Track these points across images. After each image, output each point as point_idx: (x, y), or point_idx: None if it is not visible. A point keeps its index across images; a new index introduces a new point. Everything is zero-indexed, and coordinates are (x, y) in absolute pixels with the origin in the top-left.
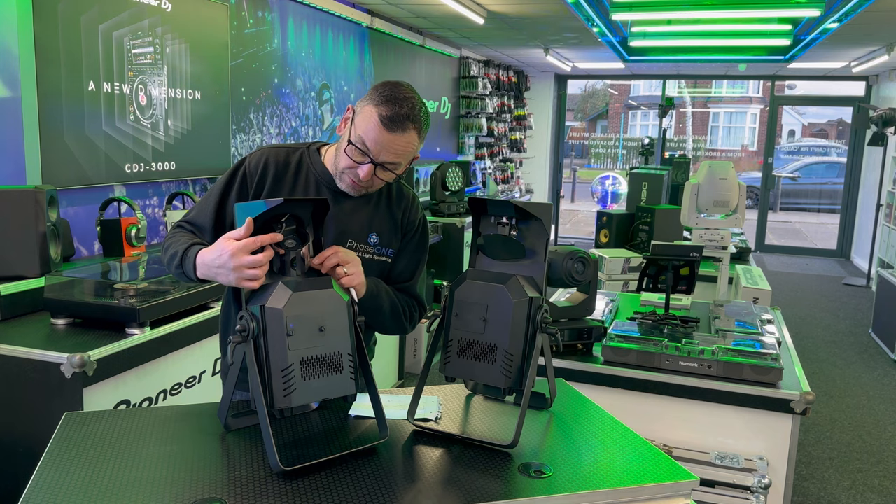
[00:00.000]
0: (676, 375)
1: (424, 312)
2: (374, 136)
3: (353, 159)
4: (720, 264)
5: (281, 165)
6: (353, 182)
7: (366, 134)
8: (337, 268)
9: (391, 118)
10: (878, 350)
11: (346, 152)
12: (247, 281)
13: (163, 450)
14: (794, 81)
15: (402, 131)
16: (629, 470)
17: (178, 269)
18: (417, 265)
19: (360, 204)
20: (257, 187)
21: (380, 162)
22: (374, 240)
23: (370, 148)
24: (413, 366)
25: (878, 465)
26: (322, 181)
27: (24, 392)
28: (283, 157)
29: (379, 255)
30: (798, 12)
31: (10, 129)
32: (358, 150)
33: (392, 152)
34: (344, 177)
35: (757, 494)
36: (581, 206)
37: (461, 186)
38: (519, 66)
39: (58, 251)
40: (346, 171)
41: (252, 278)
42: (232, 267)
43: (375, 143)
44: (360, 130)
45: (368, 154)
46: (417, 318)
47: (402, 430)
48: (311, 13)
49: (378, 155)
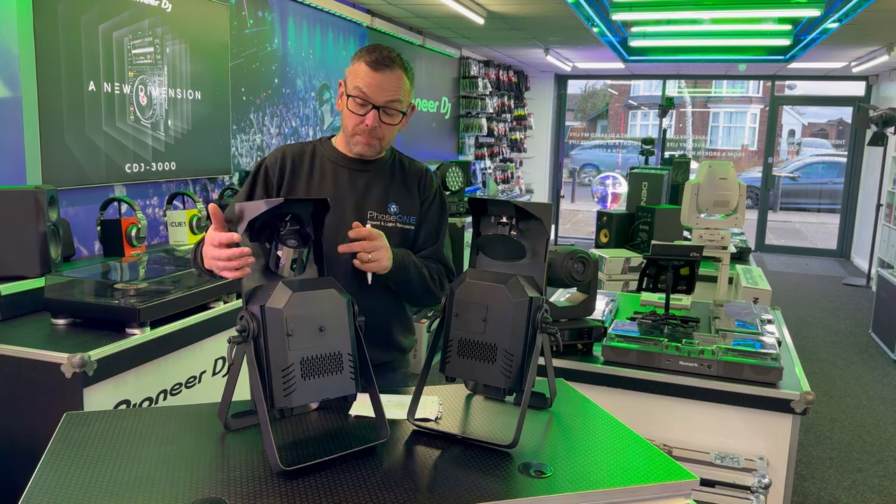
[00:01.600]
0: (676, 375)
1: (454, 277)
2: (367, 81)
3: (357, 112)
4: (720, 264)
5: (297, 156)
6: (366, 137)
7: (360, 82)
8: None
9: (376, 60)
10: (878, 350)
11: (349, 109)
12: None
13: (163, 450)
14: (794, 81)
15: (390, 70)
16: (629, 470)
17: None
18: (439, 230)
19: (374, 177)
20: (279, 179)
21: (381, 104)
22: (395, 209)
23: (367, 93)
24: (413, 366)
25: (878, 465)
26: (336, 162)
27: (24, 392)
28: (298, 149)
29: (402, 224)
30: (798, 12)
31: (10, 129)
32: (358, 102)
33: (387, 90)
34: (356, 138)
35: (757, 494)
36: (581, 206)
37: (461, 186)
38: (519, 66)
39: (58, 251)
40: (355, 128)
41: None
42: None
43: (370, 86)
44: (355, 82)
45: (368, 99)
46: (448, 282)
47: (402, 430)
48: (311, 13)
49: (376, 97)
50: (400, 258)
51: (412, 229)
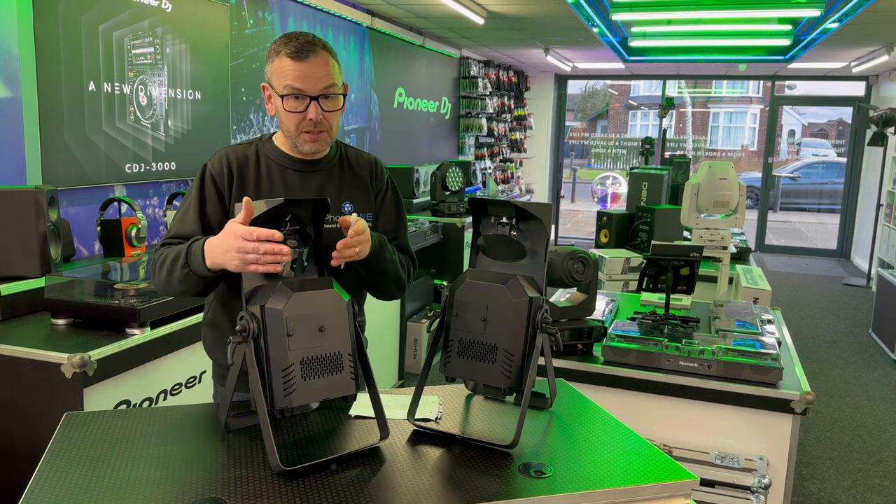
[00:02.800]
0: (676, 375)
1: (416, 268)
2: (296, 74)
3: (296, 110)
4: (720, 264)
5: (241, 161)
6: (310, 134)
7: (288, 78)
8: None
9: (297, 49)
10: (878, 350)
11: (285, 109)
12: (253, 265)
13: (163, 450)
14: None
15: (314, 54)
16: (629, 470)
17: (185, 268)
18: (399, 220)
19: (325, 178)
20: (227, 184)
21: (317, 94)
22: (349, 208)
23: (300, 87)
24: (413, 366)
25: (878, 465)
26: (283, 165)
27: (25, 392)
28: (240, 153)
29: None
30: (798, 12)
31: (10, 129)
32: (293, 98)
33: (318, 78)
34: (301, 136)
35: (757, 494)
36: (581, 206)
37: (461, 186)
38: (519, 66)
39: (58, 251)
40: (298, 126)
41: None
42: (236, 247)
43: (299, 79)
44: (282, 80)
45: (303, 93)
46: (413, 273)
47: (402, 430)
48: (312, 13)
49: (310, 88)
50: (378, 243)
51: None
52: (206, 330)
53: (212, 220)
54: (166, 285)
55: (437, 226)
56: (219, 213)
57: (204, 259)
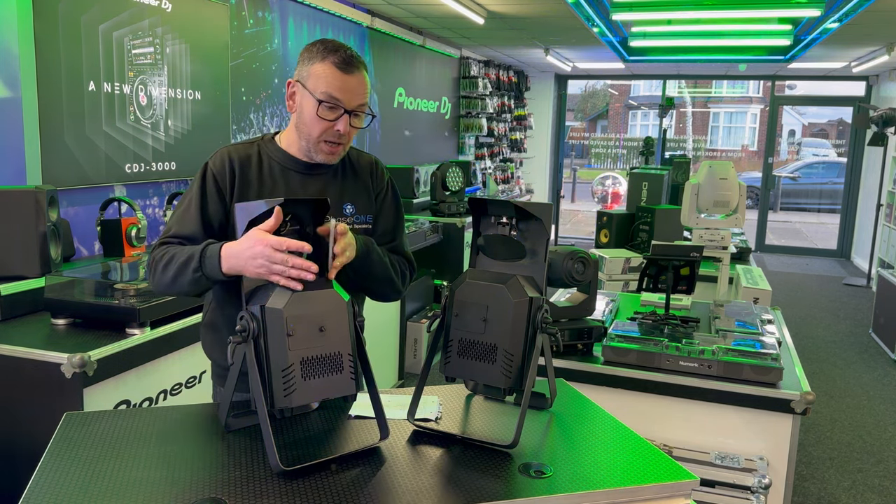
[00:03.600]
0: (676, 375)
1: (415, 271)
2: (339, 84)
3: (327, 118)
4: (720, 264)
5: (243, 160)
6: (330, 145)
7: (330, 87)
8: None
9: (345, 61)
10: (878, 350)
11: (318, 115)
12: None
13: (163, 450)
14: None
15: (358, 70)
16: (629, 470)
17: (197, 272)
18: (397, 222)
19: (327, 180)
20: (229, 183)
21: (352, 109)
22: (350, 209)
23: (340, 98)
24: (413, 366)
25: (878, 465)
26: (286, 166)
27: (25, 392)
28: (242, 152)
29: (359, 224)
30: (798, 12)
31: (10, 129)
32: (328, 107)
33: (358, 94)
34: (321, 145)
35: (757, 494)
36: (581, 206)
37: (461, 186)
38: (519, 66)
39: (58, 251)
40: (323, 135)
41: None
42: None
43: (342, 91)
44: (323, 87)
45: (340, 104)
46: (409, 276)
47: (402, 430)
48: (312, 13)
49: (349, 102)
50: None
51: (369, 228)
52: (205, 331)
53: (213, 219)
54: (170, 286)
55: (437, 226)
56: (220, 213)
57: (220, 264)
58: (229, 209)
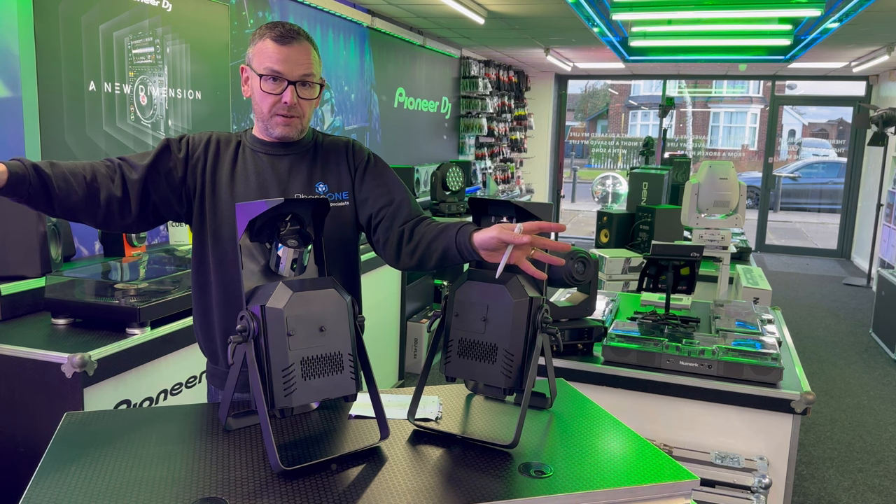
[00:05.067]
0: (677, 375)
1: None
2: (277, 56)
3: (272, 92)
4: (720, 264)
5: (224, 144)
6: (283, 117)
7: (269, 60)
8: None
9: (282, 34)
10: (878, 350)
11: (262, 90)
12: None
13: (163, 450)
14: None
15: (298, 42)
16: (629, 470)
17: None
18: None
19: (297, 160)
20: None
21: (295, 79)
22: (323, 188)
23: (280, 69)
24: (413, 366)
25: (878, 465)
26: (256, 149)
27: (25, 392)
28: (224, 137)
29: (333, 202)
30: (798, 12)
31: (10, 129)
32: (271, 80)
33: (299, 64)
34: (275, 119)
35: (757, 494)
36: (581, 206)
37: (461, 186)
38: (519, 66)
39: (58, 251)
40: (272, 109)
41: None
42: None
43: (281, 62)
44: (263, 62)
45: (282, 76)
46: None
47: (402, 430)
48: (312, 13)
49: (290, 72)
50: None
51: (347, 205)
52: (197, 333)
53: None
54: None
55: None
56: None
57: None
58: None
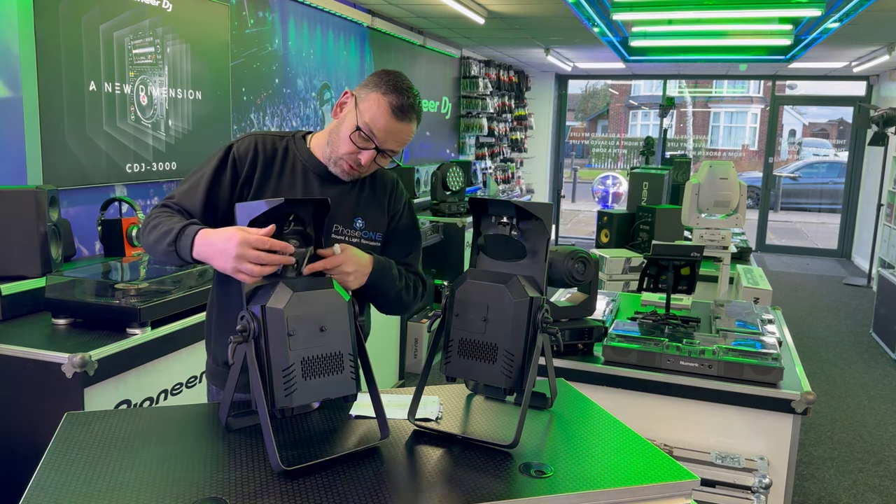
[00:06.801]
0: (677, 375)
1: (426, 289)
2: (383, 125)
3: (357, 145)
4: (721, 264)
5: (269, 152)
6: (351, 167)
7: (374, 121)
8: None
9: (401, 108)
10: (878, 350)
11: (350, 138)
12: (241, 274)
13: (163, 450)
14: (794, 81)
15: (409, 121)
16: (630, 470)
17: (171, 246)
18: (413, 246)
19: (345, 190)
20: (248, 171)
21: (384, 149)
22: (360, 224)
23: (377, 135)
24: (413, 366)
25: (878, 465)
26: (309, 168)
27: (25, 392)
28: (269, 143)
29: (367, 240)
30: (798, 12)
31: (10, 129)
32: (363, 137)
33: (397, 141)
34: (341, 162)
35: (758, 494)
36: (581, 206)
37: (462, 186)
38: (519, 66)
39: (59, 251)
40: (346, 156)
41: (248, 273)
42: (234, 254)
43: (383, 131)
44: (368, 117)
45: (374, 140)
46: (422, 292)
47: (402, 430)
48: (312, 13)
49: (384, 142)
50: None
51: (377, 246)
52: (210, 333)
53: (219, 201)
54: (150, 250)
55: (438, 226)
56: (227, 198)
57: (192, 246)
58: (237, 195)
